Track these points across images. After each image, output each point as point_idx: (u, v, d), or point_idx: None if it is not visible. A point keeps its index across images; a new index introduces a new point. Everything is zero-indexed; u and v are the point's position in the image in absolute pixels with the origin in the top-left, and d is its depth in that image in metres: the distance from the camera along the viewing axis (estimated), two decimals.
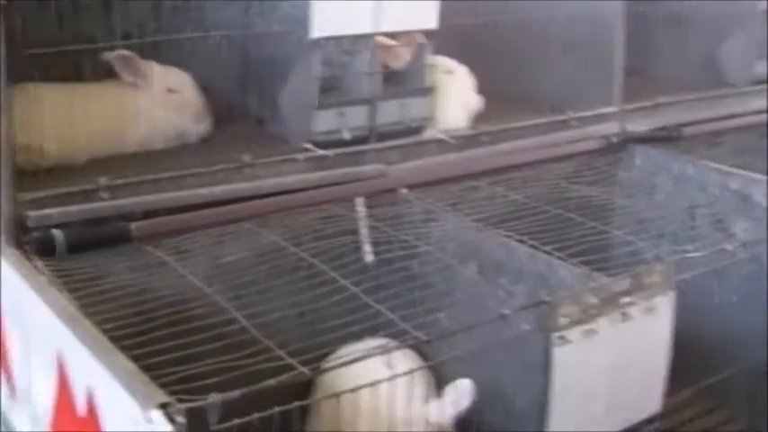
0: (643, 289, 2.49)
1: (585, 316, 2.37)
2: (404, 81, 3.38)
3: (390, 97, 3.28)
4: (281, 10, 3.13)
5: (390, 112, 3.28)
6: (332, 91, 3.22)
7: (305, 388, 2.61)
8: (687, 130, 3.85)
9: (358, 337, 2.50)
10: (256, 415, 2.02)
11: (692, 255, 2.71)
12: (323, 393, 2.65)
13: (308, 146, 3.14)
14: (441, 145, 3.34)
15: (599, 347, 2.41)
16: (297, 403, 2.10)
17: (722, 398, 3.33)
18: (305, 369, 2.11)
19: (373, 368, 2.26)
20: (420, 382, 2.66)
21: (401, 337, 2.32)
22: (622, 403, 2.53)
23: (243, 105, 3.40)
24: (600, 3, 3.70)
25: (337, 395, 2.22)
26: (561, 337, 2.33)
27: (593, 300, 2.39)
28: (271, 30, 3.18)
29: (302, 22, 3.03)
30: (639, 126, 3.72)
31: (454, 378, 2.60)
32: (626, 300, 2.46)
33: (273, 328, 2.37)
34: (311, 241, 2.87)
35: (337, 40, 3.12)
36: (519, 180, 3.29)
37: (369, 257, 2.95)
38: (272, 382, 2.05)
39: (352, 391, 2.20)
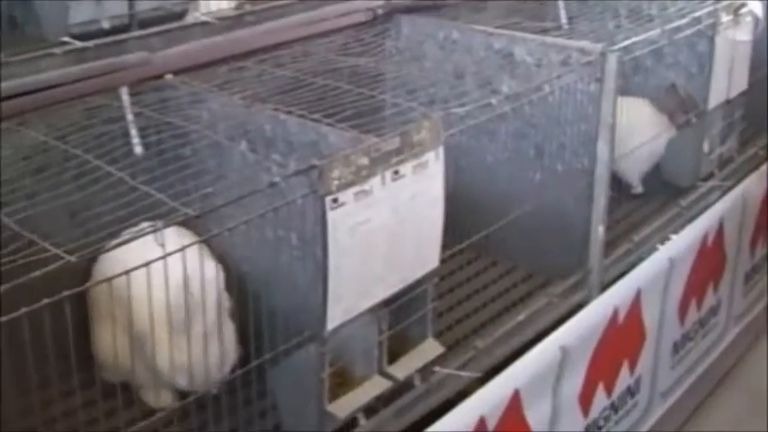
0: (413, 146, 2.51)
1: (357, 177, 2.38)
2: None
3: None
4: None
5: None
6: None
7: (80, 280, 2.52)
8: None
9: (131, 222, 2.43)
10: (24, 309, 1.96)
11: (457, 110, 2.75)
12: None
13: (66, 39, 3.00)
14: (205, 28, 3.25)
15: (373, 207, 2.43)
16: (66, 293, 2.04)
17: (502, 251, 3.45)
18: (70, 257, 2.05)
19: (146, 250, 2.22)
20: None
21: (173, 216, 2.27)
22: (401, 261, 2.57)
23: None
24: None
25: (108, 279, 2.16)
26: (335, 200, 2.33)
27: (364, 160, 2.39)
28: None
29: None
30: None
31: (233, 257, 2.57)
32: (397, 158, 2.48)
33: (41, 224, 2.28)
34: (77, 134, 2.75)
35: None
36: (287, 57, 3.24)
37: (137, 145, 2.86)
38: (37, 273, 1.99)
39: (126, 273, 2.15)
